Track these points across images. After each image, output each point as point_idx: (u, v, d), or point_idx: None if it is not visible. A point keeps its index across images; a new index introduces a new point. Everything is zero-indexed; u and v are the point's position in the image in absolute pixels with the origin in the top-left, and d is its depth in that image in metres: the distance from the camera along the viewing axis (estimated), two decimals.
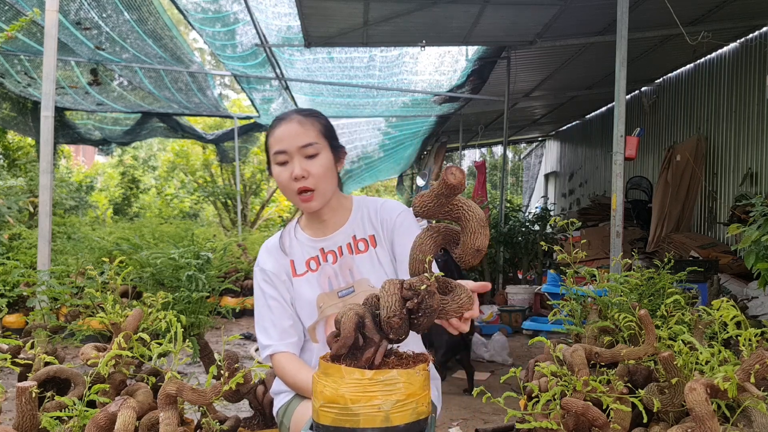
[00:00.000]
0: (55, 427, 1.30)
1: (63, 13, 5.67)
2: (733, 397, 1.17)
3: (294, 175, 1.49)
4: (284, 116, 1.55)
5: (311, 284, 1.60)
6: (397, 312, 1.04)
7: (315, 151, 1.51)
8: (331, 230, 1.62)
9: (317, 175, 1.51)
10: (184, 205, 16.71)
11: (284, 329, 1.56)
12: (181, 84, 8.41)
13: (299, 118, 1.53)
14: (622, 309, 1.81)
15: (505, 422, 1.52)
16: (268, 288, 1.60)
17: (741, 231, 2.80)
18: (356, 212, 1.65)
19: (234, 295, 6.07)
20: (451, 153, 15.00)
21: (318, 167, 1.51)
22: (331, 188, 1.56)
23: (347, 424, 1.02)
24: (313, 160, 1.51)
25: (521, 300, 6.36)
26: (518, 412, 1.36)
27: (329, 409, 1.04)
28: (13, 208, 6.74)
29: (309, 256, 1.62)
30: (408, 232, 1.58)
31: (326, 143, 1.54)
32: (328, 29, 6.05)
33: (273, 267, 1.61)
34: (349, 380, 1.03)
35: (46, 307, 2.17)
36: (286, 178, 1.51)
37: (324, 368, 1.07)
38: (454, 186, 1.01)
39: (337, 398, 1.03)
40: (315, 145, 1.51)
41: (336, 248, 1.61)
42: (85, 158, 20.08)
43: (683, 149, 7.28)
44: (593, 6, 5.38)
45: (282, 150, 1.51)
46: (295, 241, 1.65)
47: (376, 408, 1.01)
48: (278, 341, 1.55)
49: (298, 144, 1.50)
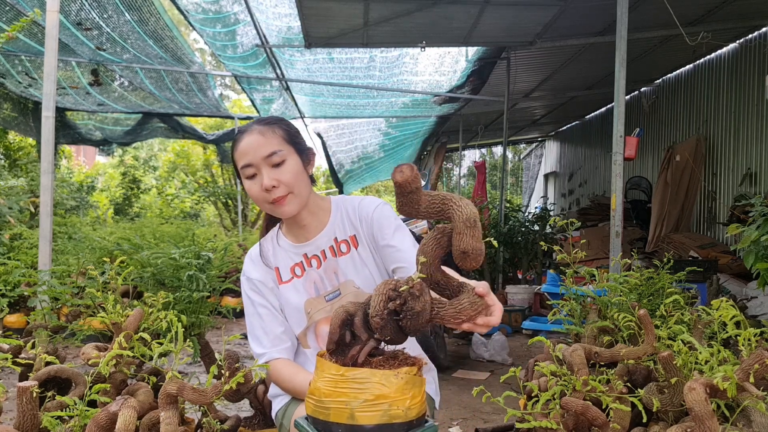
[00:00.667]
0: (56, 426, 1.31)
1: (64, 14, 5.67)
2: (733, 397, 1.18)
3: (264, 186, 1.47)
4: (245, 129, 1.53)
5: (298, 290, 1.59)
6: (379, 312, 1.03)
7: (280, 159, 1.48)
8: (312, 234, 1.60)
9: (287, 183, 1.48)
10: (184, 206, 16.71)
11: (276, 335, 1.56)
12: (182, 84, 8.42)
13: (260, 128, 1.50)
14: (621, 309, 1.81)
15: (505, 422, 1.52)
16: (256, 296, 1.59)
17: (740, 231, 2.80)
18: (335, 213, 1.63)
19: (234, 295, 6.07)
20: (451, 153, 15.00)
21: (286, 174, 1.48)
22: (305, 192, 1.54)
23: (321, 416, 1.07)
24: (280, 168, 1.48)
25: (521, 300, 6.37)
26: (518, 412, 1.36)
27: (310, 400, 1.10)
28: (14, 208, 6.74)
29: (293, 263, 1.61)
30: (387, 224, 1.56)
31: (291, 149, 1.51)
32: (329, 30, 6.05)
33: (259, 275, 1.60)
34: (326, 374, 1.07)
35: (47, 307, 2.18)
36: (257, 190, 1.49)
37: (316, 361, 1.12)
38: (400, 183, 0.98)
39: (314, 390, 1.09)
40: (280, 152, 1.48)
41: (319, 252, 1.59)
42: (85, 158, 20.08)
43: (683, 149, 7.28)
44: (593, 6, 5.38)
45: (248, 163, 1.48)
46: (278, 248, 1.63)
47: (344, 404, 1.04)
48: (271, 348, 1.55)
49: (262, 154, 1.47)
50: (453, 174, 18.25)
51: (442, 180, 16.22)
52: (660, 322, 1.77)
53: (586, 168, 11.55)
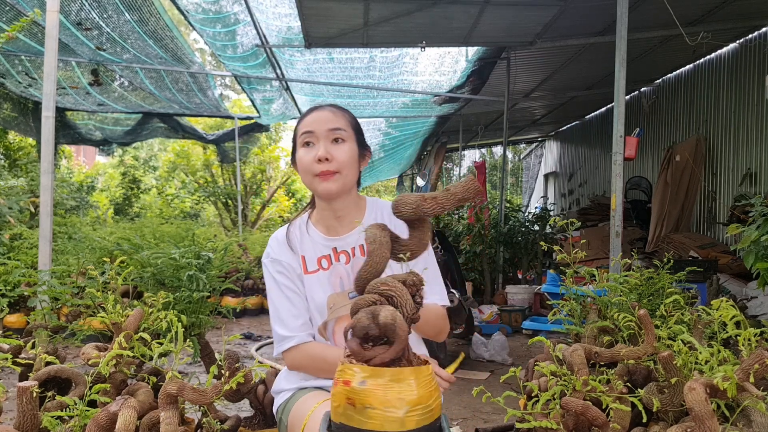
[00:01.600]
0: (56, 426, 1.31)
1: (64, 14, 5.67)
2: (733, 397, 1.18)
3: (318, 156, 1.48)
4: (318, 106, 1.58)
5: (322, 283, 1.57)
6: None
7: (341, 136, 1.51)
8: (345, 230, 1.60)
9: (341, 161, 1.50)
10: (184, 205, 16.71)
11: (305, 321, 1.55)
12: (182, 84, 8.42)
13: (332, 108, 1.56)
14: (621, 309, 1.81)
15: (505, 422, 1.52)
16: (283, 279, 1.57)
17: (740, 231, 2.80)
18: (370, 214, 1.63)
19: (235, 295, 6.08)
20: (451, 153, 14.99)
21: (343, 153, 1.50)
22: (351, 178, 1.54)
23: (355, 423, 1.02)
24: (339, 145, 1.51)
25: (521, 300, 6.37)
26: (518, 412, 1.36)
27: (342, 407, 1.04)
28: (14, 208, 6.74)
29: (321, 254, 1.59)
30: None
31: (353, 135, 1.55)
32: (329, 30, 6.05)
33: (287, 258, 1.58)
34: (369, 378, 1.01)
35: (47, 307, 2.18)
36: (309, 159, 1.50)
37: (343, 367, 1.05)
38: None
39: (352, 395, 1.03)
40: (343, 131, 1.51)
41: (349, 249, 1.59)
42: (85, 158, 20.09)
43: (683, 149, 7.28)
44: (593, 6, 5.38)
45: (310, 131, 1.51)
46: (306, 236, 1.61)
47: (395, 407, 0.99)
48: (300, 332, 1.53)
49: (327, 127, 1.50)
50: (453, 174, 18.26)
51: (442, 180, 16.22)
52: (660, 322, 1.77)
53: (586, 168, 11.55)
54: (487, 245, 7.07)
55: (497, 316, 5.78)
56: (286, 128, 18.36)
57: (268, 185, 17.21)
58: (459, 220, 7.99)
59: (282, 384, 1.60)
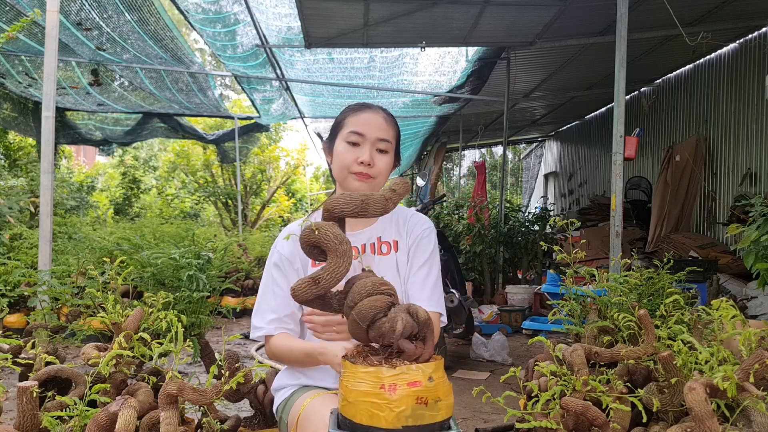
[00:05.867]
0: (56, 426, 1.31)
1: (64, 14, 5.67)
2: (733, 397, 1.18)
3: (362, 159, 1.55)
4: (370, 105, 1.63)
5: None
6: None
7: (387, 148, 1.59)
8: (359, 227, 1.64)
9: (380, 170, 1.58)
10: (184, 205, 16.71)
11: (281, 318, 1.58)
12: (182, 84, 8.42)
13: (385, 115, 1.62)
14: (621, 309, 1.81)
15: (505, 422, 1.52)
16: (277, 273, 1.61)
17: (740, 231, 2.80)
18: (385, 216, 1.66)
19: (235, 295, 6.07)
20: (451, 153, 15.00)
21: (384, 163, 1.59)
22: (382, 184, 1.61)
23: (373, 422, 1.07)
24: (382, 155, 1.58)
25: (521, 300, 6.37)
26: (518, 412, 1.37)
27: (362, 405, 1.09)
28: (14, 208, 6.74)
29: None
30: (424, 250, 1.62)
31: (394, 147, 1.63)
32: (329, 30, 6.05)
33: (289, 252, 1.61)
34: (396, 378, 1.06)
35: (47, 307, 2.18)
36: (351, 157, 1.56)
37: (356, 370, 1.09)
38: None
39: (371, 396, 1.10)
40: (389, 144, 1.59)
41: (359, 245, 1.62)
42: (85, 158, 20.09)
43: (682, 149, 7.28)
44: (593, 6, 5.38)
45: (361, 133, 1.56)
46: None
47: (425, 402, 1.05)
48: (269, 326, 1.57)
49: (378, 135, 1.57)
50: (453, 174, 18.25)
51: (442, 180, 16.22)
52: (660, 322, 1.77)
53: (586, 168, 11.55)
54: (487, 245, 7.07)
55: (497, 316, 5.79)
56: (286, 128, 18.37)
57: (268, 185, 17.21)
58: (459, 220, 7.99)
59: (282, 381, 1.61)
